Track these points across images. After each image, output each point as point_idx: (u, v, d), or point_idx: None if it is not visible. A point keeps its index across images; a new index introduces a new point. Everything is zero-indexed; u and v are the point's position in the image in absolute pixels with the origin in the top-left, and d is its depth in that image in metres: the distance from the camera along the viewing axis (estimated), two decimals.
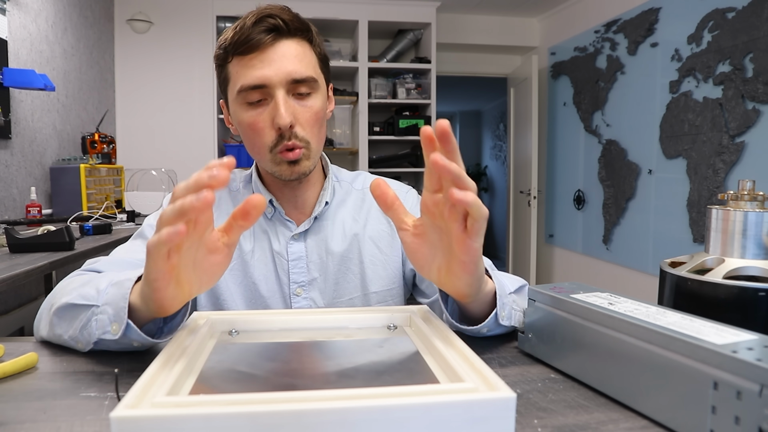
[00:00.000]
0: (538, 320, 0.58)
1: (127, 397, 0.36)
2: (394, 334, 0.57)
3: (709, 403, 0.38)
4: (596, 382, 0.50)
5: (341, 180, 0.96)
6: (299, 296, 0.87)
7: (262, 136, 0.79)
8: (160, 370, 0.41)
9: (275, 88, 0.77)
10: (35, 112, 2.55)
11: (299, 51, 0.79)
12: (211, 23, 3.59)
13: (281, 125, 0.76)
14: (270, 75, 0.76)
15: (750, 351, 0.38)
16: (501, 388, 0.38)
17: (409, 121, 3.86)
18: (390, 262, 0.91)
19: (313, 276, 0.87)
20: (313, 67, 0.81)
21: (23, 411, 0.45)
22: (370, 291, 0.89)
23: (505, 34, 4.37)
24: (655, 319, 0.46)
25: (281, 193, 0.88)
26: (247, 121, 0.80)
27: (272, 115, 0.78)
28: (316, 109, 0.81)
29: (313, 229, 0.89)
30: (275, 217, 0.88)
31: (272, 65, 0.77)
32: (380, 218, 0.92)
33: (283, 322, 0.58)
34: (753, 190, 0.57)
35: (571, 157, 3.91)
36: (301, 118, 0.79)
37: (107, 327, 0.55)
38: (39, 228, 1.76)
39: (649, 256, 3.08)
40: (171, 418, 0.34)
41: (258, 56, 0.77)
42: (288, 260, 0.87)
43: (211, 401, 0.35)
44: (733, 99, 2.46)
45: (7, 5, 2.30)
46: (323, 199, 0.89)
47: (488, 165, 8.72)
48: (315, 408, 0.34)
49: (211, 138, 3.65)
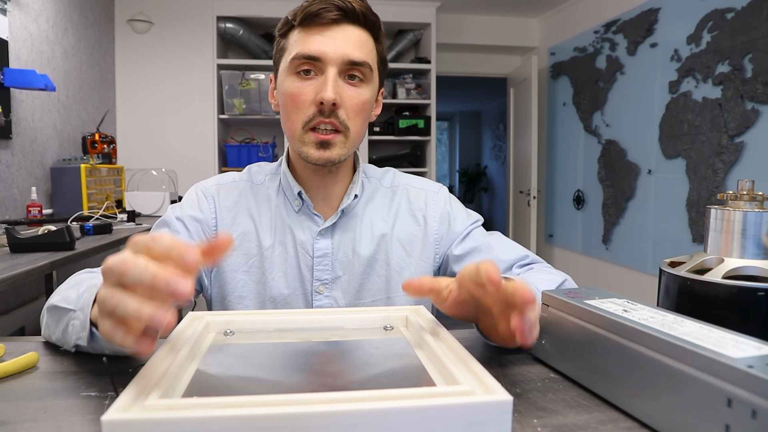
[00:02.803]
0: (551, 326, 0.56)
1: (119, 400, 0.35)
2: (390, 334, 0.57)
3: (722, 421, 0.36)
4: (609, 393, 0.47)
5: (370, 176, 0.92)
6: (321, 294, 0.84)
7: (300, 109, 0.77)
8: (154, 371, 0.41)
9: (329, 64, 0.75)
10: (36, 112, 2.55)
11: (362, 38, 0.78)
12: (211, 23, 3.59)
13: (325, 99, 0.74)
14: (327, 50, 0.75)
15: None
16: (497, 391, 0.37)
17: (409, 121, 3.86)
18: (420, 267, 0.88)
19: (337, 274, 0.84)
20: (372, 58, 0.80)
21: (24, 410, 0.45)
22: (393, 294, 0.86)
23: (504, 34, 4.37)
24: (671, 328, 0.43)
25: (310, 183, 0.85)
26: (290, 91, 0.77)
27: (318, 89, 0.75)
28: (364, 98, 0.79)
29: (340, 225, 0.86)
30: (302, 210, 0.85)
31: (332, 42, 0.75)
32: (410, 220, 0.89)
33: (279, 323, 0.58)
34: (752, 190, 0.56)
35: (571, 157, 3.91)
36: (347, 102, 0.77)
37: (80, 333, 0.55)
38: (39, 228, 1.76)
39: (648, 256, 3.08)
40: (163, 422, 0.33)
41: (320, 31, 0.76)
42: (313, 257, 0.84)
43: (203, 404, 0.35)
44: (732, 99, 2.46)
45: (7, 6, 2.30)
46: (352, 192, 0.86)
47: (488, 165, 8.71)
48: (309, 411, 0.34)
49: (211, 138, 3.65)
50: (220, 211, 0.86)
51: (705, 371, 0.38)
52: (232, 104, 3.64)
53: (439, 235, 0.89)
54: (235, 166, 3.62)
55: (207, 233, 0.84)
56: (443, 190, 0.94)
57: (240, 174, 0.91)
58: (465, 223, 0.90)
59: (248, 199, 0.87)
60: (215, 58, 3.61)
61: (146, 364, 0.42)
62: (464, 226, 0.89)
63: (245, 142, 3.84)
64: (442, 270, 0.90)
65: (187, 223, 0.83)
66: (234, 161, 3.70)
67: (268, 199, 0.87)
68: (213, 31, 3.59)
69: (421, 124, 3.86)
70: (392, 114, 4.06)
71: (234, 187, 0.88)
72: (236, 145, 3.75)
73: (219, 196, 0.87)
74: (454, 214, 0.91)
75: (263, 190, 0.87)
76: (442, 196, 0.92)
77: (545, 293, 0.57)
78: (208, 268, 0.82)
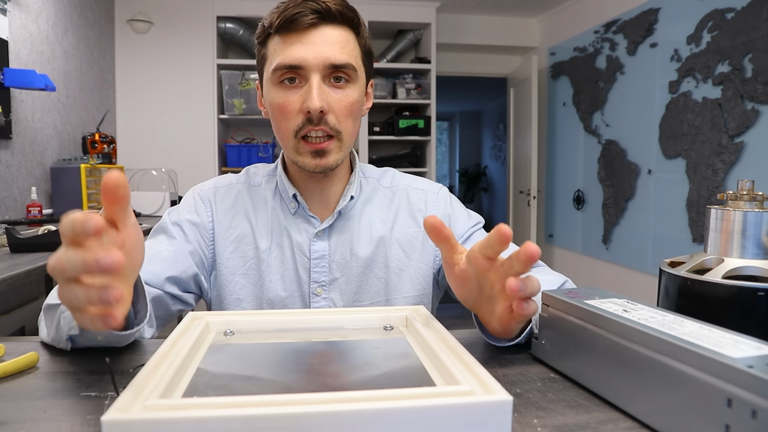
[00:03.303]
0: (551, 326, 0.56)
1: (119, 400, 0.35)
2: (390, 334, 0.57)
3: (722, 422, 0.36)
4: (609, 393, 0.47)
5: (368, 176, 0.91)
6: (319, 296, 0.83)
7: (288, 119, 0.77)
8: (154, 371, 0.41)
9: (311, 71, 0.75)
10: (36, 112, 2.55)
11: (342, 38, 0.77)
12: (211, 23, 3.59)
13: (311, 108, 0.73)
14: (308, 57, 0.74)
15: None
16: (497, 391, 0.37)
17: (409, 121, 3.86)
18: (419, 269, 0.87)
19: (335, 276, 0.84)
20: (354, 56, 0.78)
21: (24, 410, 0.45)
22: (392, 296, 0.85)
23: (504, 34, 4.37)
24: (671, 328, 0.43)
25: (305, 186, 0.85)
26: (277, 102, 0.77)
27: (304, 98, 0.75)
28: (352, 99, 0.78)
29: (337, 227, 0.85)
30: (298, 212, 0.85)
31: (311, 48, 0.74)
32: (409, 221, 0.88)
33: (278, 323, 0.58)
34: (752, 190, 0.56)
35: (571, 157, 3.91)
36: (335, 106, 0.77)
37: (71, 323, 0.56)
38: (39, 228, 1.76)
39: (648, 256, 3.08)
40: (163, 422, 0.33)
41: (298, 37, 0.74)
42: (310, 258, 0.83)
43: (203, 404, 0.35)
44: (732, 99, 2.46)
45: (7, 6, 2.30)
46: (348, 193, 0.85)
47: (488, 165, 8.72)
48: (309, 411, 0.34)
49: (211, 138, 3.65)
50: (217, 214, 0.85)
51: (705, 371, 0.37)
52: (232, 104, 3.64)
53: None
54: (235, 166, 3.61)
55: (205, 237, 0.84)
56: (444, 190, 0.93)
57: (237, 176, 0.91)
58: (466, 225, 0.90)
59: (245, 202, 0.87)
60: (215, 58, 3.60)
61: (146, 364, 0.42)
62: (465, 228, 0.89)
63: (245, 142, 3.84)
64: (442, 272, 0.89)
65: (185, 227, 0.83)
66: (234, 161, 3.70)
67: (265, 202, 0.86)
68: (213, 31, 3.59)
69: (421, 124, 3.86)
70: (392, 114, 4.06)
71: (231, 189, 0.88)
72: (236, 145, 3.75)
73: (216, 199, 0.87)
74: (455, 216, 0.90)
75: (260, 192, 0.87)
76: (442, 198, 0.92)
77: (545, 293, 0.57)
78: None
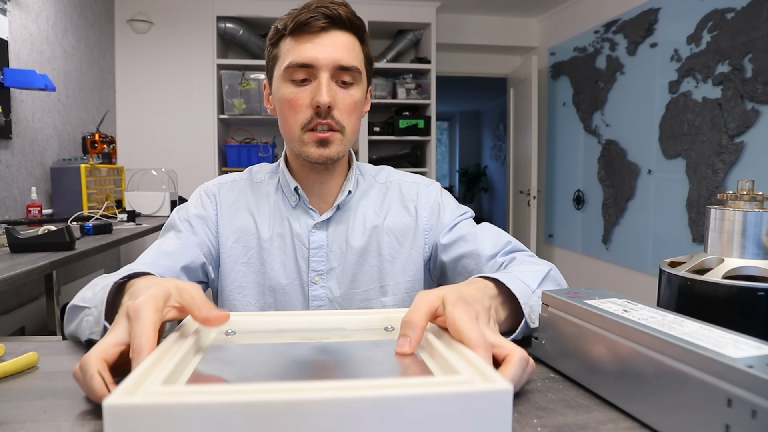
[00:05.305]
0: (551, 326, 0.56)
1: (121, 385, 0.35)
2: (390, 335, 0.57)
3: (722, 422, 0.36)
4: (609, 393, 0.47)
5: (365, 173, 0.98)
6: (317, 284, 0.89)
7: (297, 113, 0.83)
8: (155, 364, 0.41)
9: (321, 69, 0.81)
10: (36, 112, 2.55)
11: (349, 43, 0.84)
12: (211, 23, 3.59)
13: (321, 102, 0.80)
14: (318, 57, 0.81)
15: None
16: (497, 380, 0.37)
17: (409, 121, 3.86)
18: (411, 256, 0.92)
19: (332, 265, 0.90)
20: (359, 61, 0.85)
21: (24, 410, 0.45)
22: (386, 283, 0.91)
23: (504, 34, 4.37)
24: (671, 328, 0.43)
25: (306, 181, 0.91)
26: (287, 97, 0.83)
27: (313, 94, 0.81)
28: (355, 98, 0.85)
29: (335, 218, 0.91)
30: (299, 205, 0.91)
31: (322, 49, 0.81)
32: (401, 211, 0.94)
33: (279, 323, 0.58)
34: (752, 190, 0.56)
35: (571, 157, 3.91)
36: (341, 103, 0.83)
37: (93, 328, 0.61)
38: (39, 228, 1.76)
39: (648, 256, 3.08)
40: (165, 407, 0.33)
41: (311, 39, 0.81)
42: (309, 248, 0.89)
43: (205, 390, 0.35)
44: (732, 99, 2.46)
45: (7, 6, 2.30)
46: (346, 188, 0.91)
47: (488, 165, 8.72)
48: (309, 398, 0.34)
49: (211, 138, 3.65)
50: (221, 207, 0.92)
51: (705, 371, 0.37)
52: (232, 104, 3.64)
53: (429, 225, 0.93)
54: (235, 166, 3.62)
55: (211, 228, 0.91)
56: (436, 184, 0.99)
57: (240, 174, 0.98)
58: (454, 214, 0.94)
59: (247, 196, 0.93)
60: (215, 58, 3.61)
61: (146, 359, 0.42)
62: (453, 217, 0.94)
63: (245, 142, 3.84)
64: (432, 259, 0.94)
65: (193, 222, 0.90)
66: (234, 161, 3.70)
67: (268, 195, 0.93)
68: (213, 31, 3.59)
69: (421, 124, 3.86)
70: (392, 114, 4.06)
71: (234, 185, 0.95)
72: (236, 145, 3.75)
73: (220, 194, 0.93)
74: (444, 205, 0.95)
75: (263, 188, 0.94)
76: (433, 189, 0.97)
77: (545, 293, 0.57)
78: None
